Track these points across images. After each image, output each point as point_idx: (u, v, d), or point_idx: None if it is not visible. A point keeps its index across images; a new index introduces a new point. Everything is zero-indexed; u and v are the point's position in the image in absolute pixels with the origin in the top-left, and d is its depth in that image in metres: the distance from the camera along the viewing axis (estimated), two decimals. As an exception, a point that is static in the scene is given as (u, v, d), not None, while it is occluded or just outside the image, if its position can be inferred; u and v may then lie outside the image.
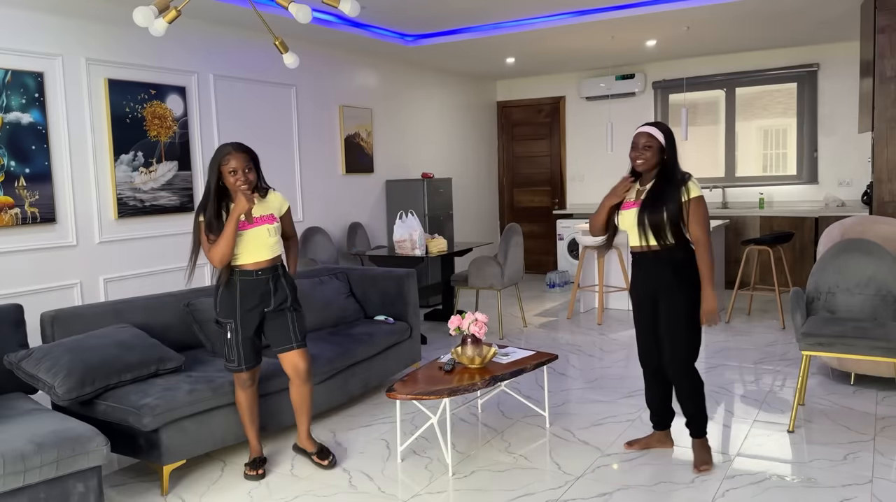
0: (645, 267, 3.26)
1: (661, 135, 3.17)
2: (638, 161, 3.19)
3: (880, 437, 3.61)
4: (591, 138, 9.12)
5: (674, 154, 3.19)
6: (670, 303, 3.20)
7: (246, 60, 5.98)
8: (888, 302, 4.09)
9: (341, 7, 3.33)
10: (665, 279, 3.18)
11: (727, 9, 5.88)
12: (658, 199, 3.13)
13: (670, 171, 3.16)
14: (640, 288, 3.32)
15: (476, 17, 6.24)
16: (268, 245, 3.26)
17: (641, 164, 3.18)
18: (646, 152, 3.16)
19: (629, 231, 3.25)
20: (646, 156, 3.16)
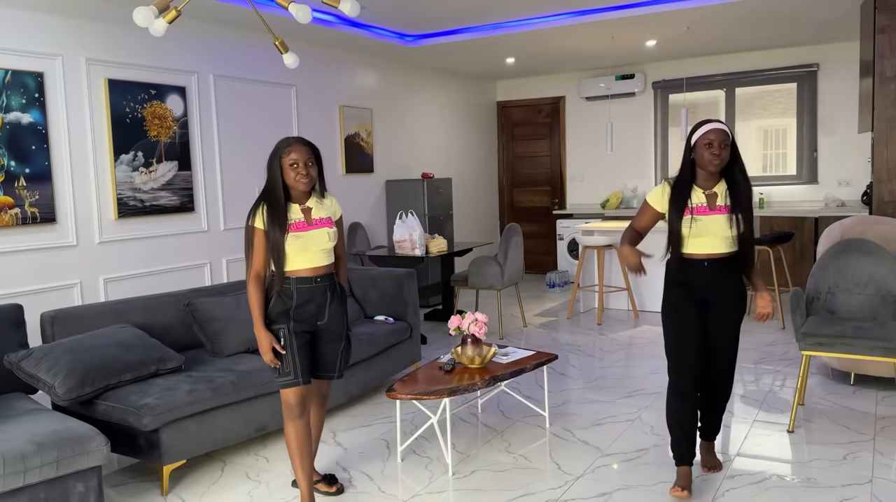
0: (707, 275, 3.02)
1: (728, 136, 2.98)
2: (715, 162, 2.92)
3: (880, 437, 3.62)
4: (591, 138, 9.12)
5: (739, 155, 3.04)
6: (730, 311, 3.06)
7: (246, 60, 5.98)
8: (888, 302, 4.09)
9: (341, 7, 3.33)
10: (730, 286, 3.04)
11: (727, 9, 5.88)
12: (747, 202, 2.98)
13: (742, 171, 3.01)
14: (691, 298, 3.05)
15: (476, 17, 6.24)
16: (326, 250, 2.97)
17: (719, 165, 2.94)
18: (724, 151, 2.93)
19: (704, 238, 2.99)
20: (724, 157, 2.93)
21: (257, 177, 6.12)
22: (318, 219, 2.96)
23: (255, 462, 3.59)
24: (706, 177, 3.00)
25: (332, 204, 3.07)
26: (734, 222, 2.95)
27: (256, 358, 3.86)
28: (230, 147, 5.86)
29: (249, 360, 3.80)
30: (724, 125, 2.96)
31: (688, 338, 3.05)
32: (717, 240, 2.98)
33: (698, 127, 2.99)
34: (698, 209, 2.97)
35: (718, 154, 2.92)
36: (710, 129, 2.93)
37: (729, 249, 2.99)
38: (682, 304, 3.06)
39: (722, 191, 3.00)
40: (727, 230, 2.95)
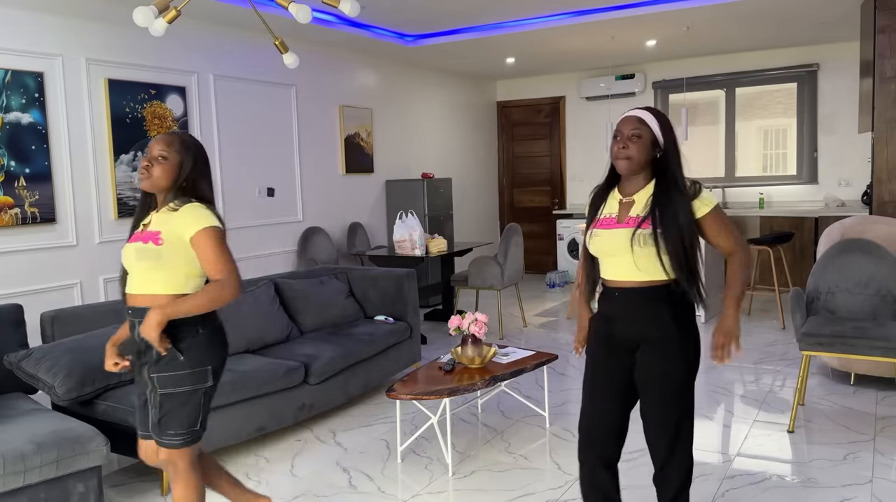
0: (620, 309, 2.32)
1: (656, 123, 2.27)
2: (619, 159, 2.26)
3: (880, 437, 3.61)
4: (591, 138, 9.11)
5: (676, 150, 2.28)
6: (666, 360, 2.27)
7: (246, 60, 5.98)
8: (888, 302, 4.09)
9: (341, 7, 3.33)
10: (661, 327, 2.26)
11: (727, 9, 5.88)
12: (671, 214, 2.21)
13: (674, 174, 2.25)
14: (611, 336, 2.34)
15: (476, 17, 6.24)
16: (138, 273, 2.33)
17: (625, 165, 2.26)
18: (633, 145, 2.24)
19: (610, 258, 2.31)
20: (631, 153, 2.24)
21: (257, 178, 6.12)
22: (148, 231, 2.35)
23: (255, 462, 3.59)
24: (627, 180, 2.33)
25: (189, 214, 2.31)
26: (643, 240, 2.20)
27: (256, 358, 3.87)
28: (230, 147, 5.85)
29: (249, 360, 3.80)
30: (647, 112, 2.29)
31: (599, 388, 2.37)
32: (620, 263, 2.27)
33: None
34: (603, 221, 2.33)
35: (624, 148, 2.25)
36: (622, 118, 2.30)
37: (646, 277, 2.23)
38: (603, 341, 2.37)
39: (643, 200, 2.27)
40: (628, 250, 2.23)
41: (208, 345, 2.37)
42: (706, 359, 5.17)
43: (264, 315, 4.18)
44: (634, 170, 2.28)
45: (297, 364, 3.83)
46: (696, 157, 8.45)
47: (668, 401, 2.29)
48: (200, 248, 2.32)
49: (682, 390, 2.29)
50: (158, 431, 2.32)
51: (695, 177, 2.34)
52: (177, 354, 2.29)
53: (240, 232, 5.93)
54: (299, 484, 3.31)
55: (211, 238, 2.32)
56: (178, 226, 2.30)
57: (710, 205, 2.27)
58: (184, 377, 2.31)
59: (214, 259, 2.32)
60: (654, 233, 2.20)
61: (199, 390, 2.34)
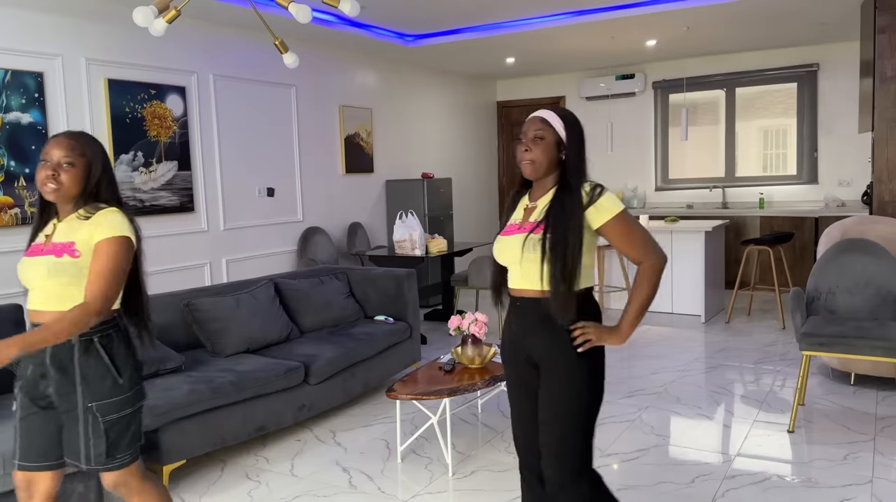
0: (526, 319, 2.17)
1: (561, 124, 2.16)
2: (523, 162, 2.18)
3: (880, 437, 3.61)
4: (591, 138, 8.95)
5: (579, 154, 2.16)
6: (557, 380, 2.13)
7: (246, 60, 5.98)
8: (888, 302, 4.09)
9: (341, 7, 3.33)
10: (556, 341, 2.12)
11: (727, 9, 5.88)
12: (561, 222, 2.08)
13: (570, 179, 2.13)
14: (514, 349, 2.24)
15: (476, 17, 6.24)
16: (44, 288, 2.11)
17: (528, 166, 2.17)
18: (537, 148, 2.15)
19: (511, 266, 2.20)
20: (535, 156, 2.14)
21: (257, 178, 6.12)
22: (57, 243, 2.12)
23: (255, 462, 3.58)
24: (537, 184, 2.23)
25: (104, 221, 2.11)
26: (532, 246, 2.09)
27: (256, 358, 3.87)
28: (230, 147, 5.85)
29: (249, 360, 3.80)
30: (552, 113, 2.19)
31: (515, 402, 2.28)
32: (517, 272, 2.17)
33: None
34: (508, 227, 2.23)
35: (526, 150, 2.17)
36: (528, 119, 2.21)
37: (552, 286, 2.08)
38: (508, 354, 2.28)
39: (543, 205, 2.16)
40: (517, 256, 2.13)
41: (134, 358, 2.21)
42: (706, 359, 5.18)
43: (264, 315, 4.18)
44: (539, 173, 2.16)
45: (297, 364, 3.83)
46: (696, 157, 8.45)
47: (556, 427, 2.13)
48: (96, 255, 2.08)
49: (573, 416, 2.12)
50: (104, 460, 2.14)
51: (698, 176, 2.12)
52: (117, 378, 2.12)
53: (240, 232, 5.93)
54: (299, 484, 3.31)
55: (110, 249, 2.08)
56: (93, 234, 2.09)
57: (611, 213, 2.09)
58: (125, 401, 2.15)
59: (98, 274, 2.05)
60: (543, 239, 2.07)
61: (139, 407, 2.22)
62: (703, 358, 5.21)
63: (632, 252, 2.12)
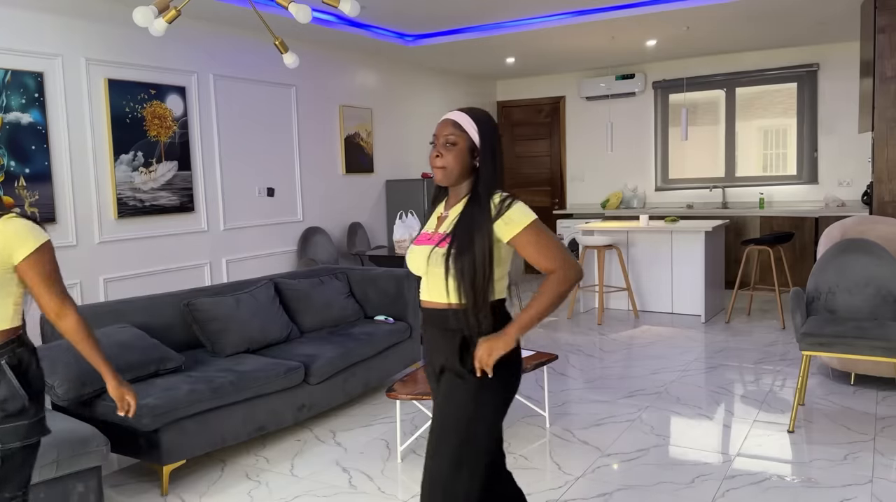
0: (434, 331, 2.12)
1: (474, 128, 2.03)
2: (434, 167, 2.05)
3: (880, 437, 3.61)
4: (591, 138, 9.11)
5: (493, 160, 2.04)
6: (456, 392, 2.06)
7: (246, 60, 5.98)
8: (888, 302, 4.09)
9: (341, 7, 3.33)
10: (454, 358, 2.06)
11: (727, 9, 5.88)
12: (468, 234, 1.99)
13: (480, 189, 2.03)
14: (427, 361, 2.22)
15: (476, 16, 6.24)
16: None
17: (439, 173, 2.04)
18: (447, 152, 2.02)
19: (421, 276, 2.13)
20: (447, 162, 2.02)
21: (257, 178, 6.12)
22: None
23: (255, 462, 3.58)
24: (452, 191, 2.12)
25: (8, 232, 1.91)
26: (437, 260, 2.01)
27: (256, 358, 3.87)
28: (230, 147, 5.85)
29: (249, 360, 3.80)
30: (465, 115, 2.06)
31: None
32: (424, 282, 2.11)
33: None
34: (420, 236, 2.15)
35: (438, 156, 2.04)
36: (440, 121, 2.08)
37: (448, 299, 2.03)
38: (428, 368, 2.21)
39: (455, 215, 2.07)
40: (424, 269, 2.06)
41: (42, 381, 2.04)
42: (706, 359, 5.18)
43: (264, 315, 4.18)
44: (451, 180, 2.04)
45: (297, 364, 3.83)
46: (695, 157, 8.45)
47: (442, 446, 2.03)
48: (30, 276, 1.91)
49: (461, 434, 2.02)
50: None
51: (698, 176, 1.95)
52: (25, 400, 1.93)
53: (240, 232, 5.93)
54: (299, 484, 3.31)
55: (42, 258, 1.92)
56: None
57: (520, 226, 1.99)
58: (32, 427, 1.95)
59: (47, 289, 1.94)
60: (447, 254, 1.99)
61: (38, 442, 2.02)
62: (703, 358, 5.21)
63: (544, 262, 2.02)
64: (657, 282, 6.83)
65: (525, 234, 2.00)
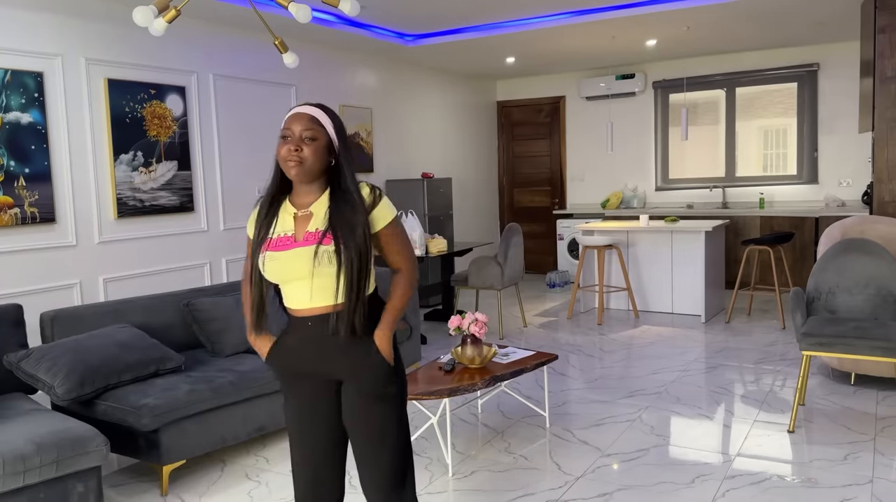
0: (321, 338, 2.03)
1: (332, 126, 2.00)
2: (290, 162, 1.94)
3: (880, 437, 3.61)
4: (591, 138, 9.11)
5: (349, 155, 2.03)
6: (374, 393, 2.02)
7: (246, 60, 5.98)
8: (888, 302, 4.09)
9: (341, 7, 3.33)
10: (364, 357, 2.00)
11: (727, 9, 5.88)
12: (349, 228, 1.95)
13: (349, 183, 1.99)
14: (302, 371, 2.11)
15: (476, 16, 6.24)
16: None
17: (297, 168, 1.95)
18: (306, 147, 1.95)
19: (295, 283, 2.04)
20: (303, 155, 1.94)
21: (257, 177, 6.12)
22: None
23: (255, 462, 3.58)
24: (300, 189, 2.03)
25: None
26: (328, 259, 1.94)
27: (256, 358, 3.86)
28: (230, 147, 5.85)
29: (249, 360, 3.80)
30: (320, 108, 2.00)
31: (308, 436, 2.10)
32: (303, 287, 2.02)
33: None
34: (278, 241, 2.01)
35: (296, 150, 1.94)
36: (291, 114, 1.99)
37: (336, 300, 1.97)
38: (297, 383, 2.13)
39: (322, 212, 1.99)
40: (308, 271, 1.97)
41: None
42: (706, 359, 5.18)
43: (264, 315, 4.18)
44: (309, 176, 1.97)
45: (297, 364, 3.82)
46: (696, 157, 8.45)
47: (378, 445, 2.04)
48: None
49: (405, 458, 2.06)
50: None
51: (698, 176, 1.98)
52: None
53: (240, 232, 5.93)
54: (299, 485, 3.31)
55: None
56: None
57: (388, 219, 2.01)
58: None
59: None
60: (337, 250, 1.92)
61: None
62: (703, 358, 5.21)
63: (399, 259, 2.04)
64: (657, 282, 6.83)
65: (391, 227, 2.03)
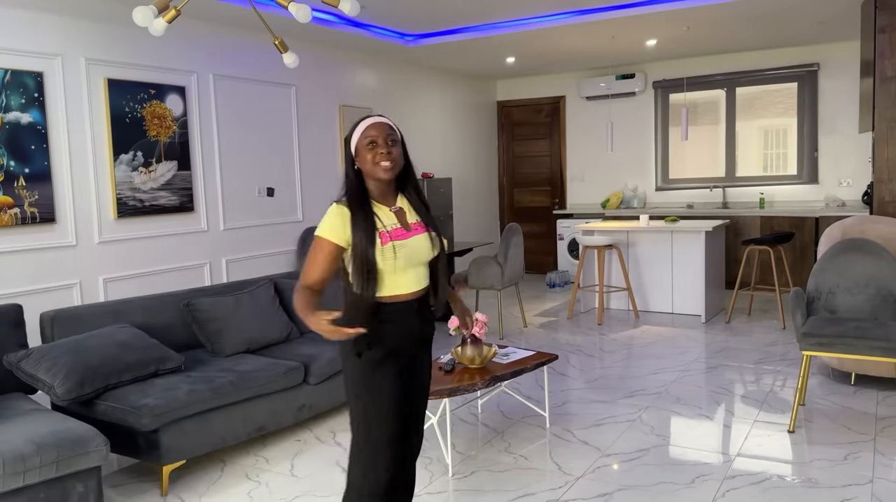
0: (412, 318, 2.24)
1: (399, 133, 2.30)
2: (386, 163, 2.18)
3: (881, 437, 3.61)
4: (591, 138, 9.11)
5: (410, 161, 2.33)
6: (428, 360, 2.37)
7: (246, 60, 5.98)
8: (888, 302, 4.08)
9: (341, 7, 3.33)
10: (430, 330, 2.32)
11: (727, 9, 5.87)
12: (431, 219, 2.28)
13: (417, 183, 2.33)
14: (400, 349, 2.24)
15: (476, 16, 6.24)
16: None
17: (390, 168, 2.20)
18: (395, 149, 2.22)
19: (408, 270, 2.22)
20: (394, 156, 2.21)
21: (257, 178, 6.12)
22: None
23: (255, 462, 3.58)
24: (382, 191, 2.26)
25: None
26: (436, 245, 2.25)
27: (256, 358, 3.87)
28: (230, 147, 5.85)
29: (249, 360, 3.80)
30: (384, 117, 2.30)
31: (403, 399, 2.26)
32: (417, 274, 2.23)
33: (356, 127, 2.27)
34: (395, 232, 2.19)
35: (388, 153, 2.19)
36: (370, 124, 2.22)
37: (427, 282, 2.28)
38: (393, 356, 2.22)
39: (408, 207, 2.28)
40: (430, 254, 2.24)
41: None
42: (707, 359, 5.18)
43: (264, 315, 4.18)
44: (396, 174, 2.23)
45: (297, 364, 3.83)
46: (696, 157, 8.45)
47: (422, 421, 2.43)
48: None
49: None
50: None
51: (698, 176, 2.27)
52: None
53: (240, 232, 5.93)
54: (299, 484, 3.31)
55: None
56: None
57: None
58: None
59: None
60: (438, 237, 2.28)
61: None
62: (703, 358, 5.21)
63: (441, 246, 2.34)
64: (657, 282, 6.83)
65: None
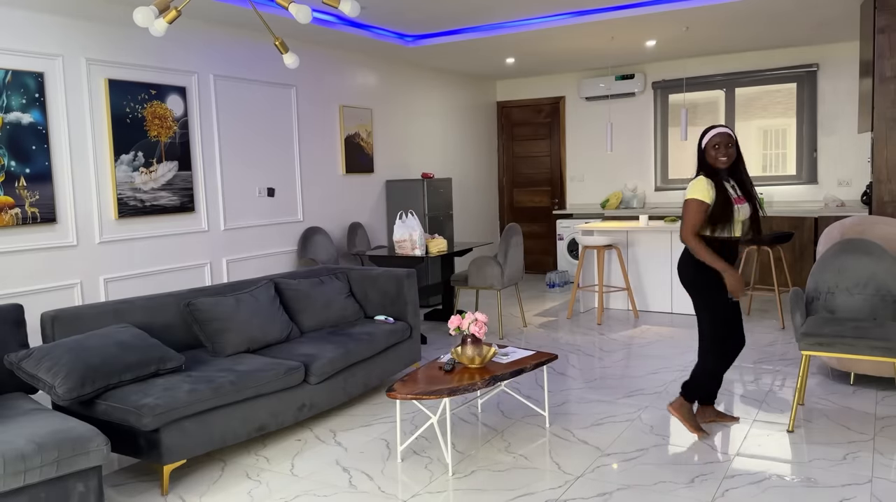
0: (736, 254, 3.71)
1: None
2: (722, 158, 3.59)
3: (880, 437, 3.62)
4: (591, 138, 9.12)
5: None
6: None
7: (246, 60, 5.98)
8: (888, 302, 4.09)
9: (341, 7, 3.33)
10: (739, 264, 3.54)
11: (727, 9, 5.88)
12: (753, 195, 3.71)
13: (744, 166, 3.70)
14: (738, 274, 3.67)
15: (476, 17, 6.25)
16: None
17: (726, 162, 3.59)
18: (731, 149, 3.61)
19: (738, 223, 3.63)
20: (731, 154, 3.60)
21: (257, 178, 6.12)
22: None
23: (255, 462, 3.59)
24: (721, 174, 3.63)
25: None
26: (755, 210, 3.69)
27: (256, 358, 3.87)
28: (230, 147, 5.86)
29: (249, 360, 3.80)
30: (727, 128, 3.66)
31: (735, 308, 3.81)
32: (741, 226, 3.67)
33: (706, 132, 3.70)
34: (736, 200, 3.60)
35: (727, 153, 3.60)
36: (718, 133, 3.64)
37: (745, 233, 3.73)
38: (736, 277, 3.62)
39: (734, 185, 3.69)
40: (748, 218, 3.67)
41: None
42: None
43: (264, 315, 4.19)
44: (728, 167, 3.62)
45: (297, 364, 3.83)
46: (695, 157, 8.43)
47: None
48: None
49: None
50: None
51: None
52: None
53: (240, 232, 5.94)
54: (299, 484, 3.31)
55: None
56: None
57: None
58: None
59: None
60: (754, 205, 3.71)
61: None
62: (702, 358, 5.21)
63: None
64: (657, 282, 6.83)
65: None
